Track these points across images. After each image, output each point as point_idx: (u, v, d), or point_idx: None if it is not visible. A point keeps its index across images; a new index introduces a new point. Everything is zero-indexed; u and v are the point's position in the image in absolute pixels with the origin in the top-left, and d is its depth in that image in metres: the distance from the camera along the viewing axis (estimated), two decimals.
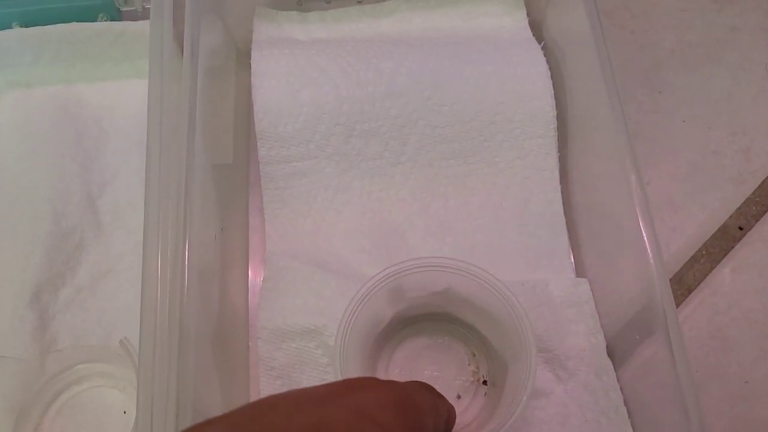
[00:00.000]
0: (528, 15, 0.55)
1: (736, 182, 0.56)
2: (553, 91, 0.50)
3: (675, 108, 0.58)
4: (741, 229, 0.54)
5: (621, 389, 0.44)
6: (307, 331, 0.44)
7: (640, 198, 0.41)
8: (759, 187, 0.56)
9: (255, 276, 0.51)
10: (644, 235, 0.40)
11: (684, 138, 0.57)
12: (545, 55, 0.51)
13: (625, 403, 0.44)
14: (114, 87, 0.56)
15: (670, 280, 0.52)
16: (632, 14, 0.61)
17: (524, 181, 0.50)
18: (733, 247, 0.54)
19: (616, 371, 0.45)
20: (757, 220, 0.55)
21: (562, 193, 0.50)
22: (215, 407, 0.43)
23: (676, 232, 0.54)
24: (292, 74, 0.49)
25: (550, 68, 0.51)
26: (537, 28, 0.55)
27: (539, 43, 0.52)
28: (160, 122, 0.42)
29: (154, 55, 0.44)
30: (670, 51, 0.60)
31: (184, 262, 0.40)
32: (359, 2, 0.55)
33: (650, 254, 0.40)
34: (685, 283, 0.52)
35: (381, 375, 0.45)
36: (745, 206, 0.55)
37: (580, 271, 0.49)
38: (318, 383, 0.43)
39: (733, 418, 0.49)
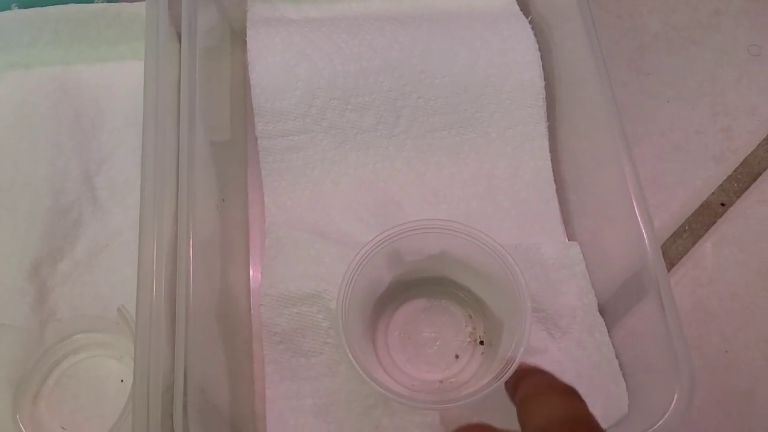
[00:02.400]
0: None
1: (718, 160, 0.59)
2: (541, 63, 0.53)
3: (659, 89, 0.61)
4: (723, 205, 0.57)
5: (613, 345, 0.46)
6: (309, 296, 0.46)
7: (628, 164, 0.44)
8: (741, 164, 0.59)
9: (255, 247, 0.53)
10: (633, 198, 0.43)
11: (668, 118, 0.60)
12: (532, 29, 0.54)
13: (617, 358, 0.46)
14: (111, 68, 0.58)
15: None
16: None
17: (515, 150, 0.52)
18: (714, 223, 0.56)
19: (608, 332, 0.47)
20: (738, 197, 0.58)
21: (552, 161, 0.53)
22: (215, 377, 0.44)
23: (659, 209, 0.56)
24: (287, 51, 0.51)
25: (537, 41, 0.53)
26: (524, 4, 0.57)
27: (526, 18, 0.55)
28: (156, 102, 0.44)
29: (150, 37, 0.46)
30: (654, 34, 0.64)
31: (188, 233, 0.42)
32: None
33: (639, 217, 0.43)
34: (668, 257, 0.55)
35: (381, 337, 0.47)
36: (727, 183, 0.58)
37: (570, 235, 0.52)
38: (320, 347, 0.45)
39: (713, 387, 0.51)
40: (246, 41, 0.52)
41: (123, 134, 0.56)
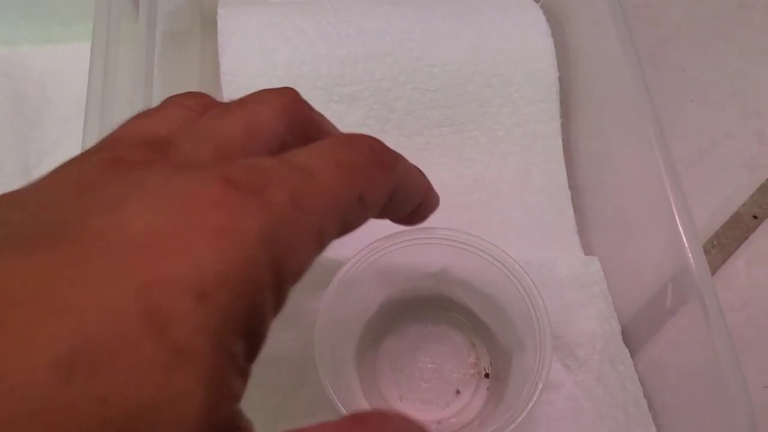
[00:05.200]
0: None
1: (750, 167, 0.53)
2: (554, 51, 0.48)
3: (682, 88, 0.56)
4: (756, 218, 0.52)
5: (639, 380, 0.40)
6: None
7: (664, 159, 0.39)
8: None
9: None
10: (672, 199, 0.38)
11: (693, 120, 0.55)
12: (544, 14, 0.49)
13: (645, 396, 0.40)
14: (62, 50, 0.52)
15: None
16: None
17: (525, 150, 0.47)
18: (747, 238, 0.51)
19: (632, 359, 0.41)
20: None
21: (566, 164, 0.47)
22: None
23: None
24: (264, 32, 0.46)
25: (550, 27, 0.48)
26: None
27: (537, 2, 0.50)
28: (103, 89, 0.41)
29: (101, 14, 0.42)
30: (675, 27, 0.58)
31: None
32: None
33: (679, 220, 0.38)
34: None
35: (369, 369, 0.41)
36: (760, 193, 0.53)
37: (587, 249, 0.46)
38: None
39: None
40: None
41: (70, 124, 0.50)
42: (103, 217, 0.17)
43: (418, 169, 0.29)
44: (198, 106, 0.24)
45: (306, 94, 0.44)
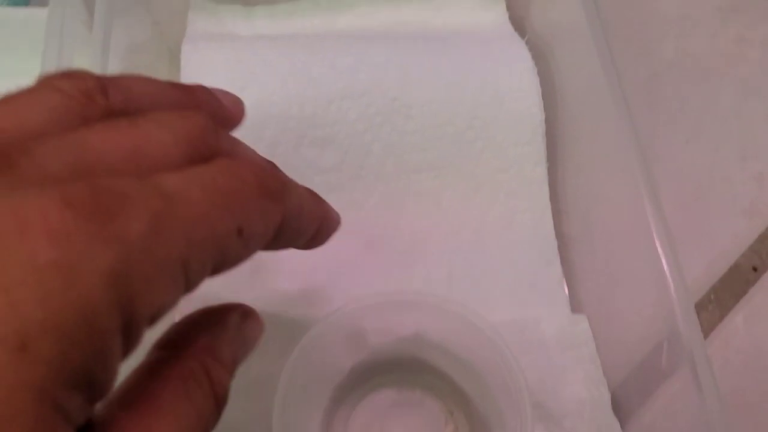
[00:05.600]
0: (507, 10, 0.50)
1: (749, 214, 0.50)
2: (540, 90, 0.45)
3: (676, 127, 0.53)
4: (755, 270, 0.48)
5: None
6: None
7: (653, 212, 0.37)
8: None
9: None
10: (661, 252, 0.35)
11: (687, 161, 0.52)
12: (529, 51, 0.47)
13: None
14: (20, 84, 0.48)
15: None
16: (626, 20, 0.57)
17: (509, 196, 0.44)
18: (746, 292, 0.48)
19: (623, 430, 0.38)
20: None
21: (552, 211, 0.45)
22: None
23: None
24: (231, 69, 0.43)
25: (536, 65, 0.46)
26: (518, 23, 0.50)
27: (522, 38, 0.48)
28: None
29: (50, 47, 0.38)
30: (668, 62, 0.56)
31: None
32: None
33: (669, 277, 0.35)
34: None
35: None
36: (760, 243, 0.49)
37: (574, 304, 0.43)
38: None
39: None
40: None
41: None
42: None
43: (312, 192, 0.26)
44: (78, 92, 0.20)
45: (275, 138, 0.42)
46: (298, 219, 0.23)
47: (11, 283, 0.14)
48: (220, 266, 0.19)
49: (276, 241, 0.22)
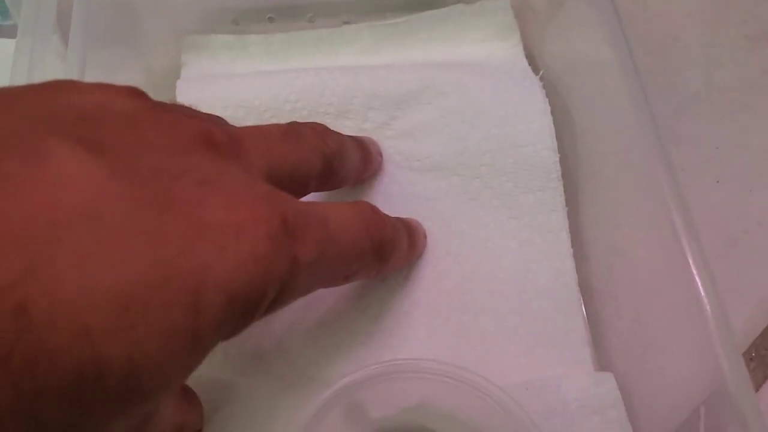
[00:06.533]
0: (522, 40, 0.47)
1: None
2: (554, 131, 0.42)
3: (705, 165, 0.49)
4: None
5: None
6: None
7: (693, 251, 0.34)
8: None
9: None
10: (705, 299, 0.32)
11: (719, 203, 0.48)
12: (543, 87, 0.44)
13: None
14: None
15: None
16: (646, 50, 0.53)
17: (523, 246, 0.41)
18: None
19: None
20: None
21: (575, 259, 0.41)
22: None
23: None
24: (227, 108, 0.42)
25: (550, 102, 0.43)
26: (532, 57, 0.47)
27: (536, 74, 0.45)
28: None
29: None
30: (694, 95, 0.52)
31: None
32: (310, 21, 0.48)
33: (715, 330, 0.31)
34: None
35: None
36: None
37: (601, 362, 0.39)
38: None
39: None
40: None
41: None
42: (193, 193, 0.21)
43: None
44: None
45: None
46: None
47: (240, 257, 0.21)
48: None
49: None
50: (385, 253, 0.31)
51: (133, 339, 0.18)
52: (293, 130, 0.30)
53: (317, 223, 0.25)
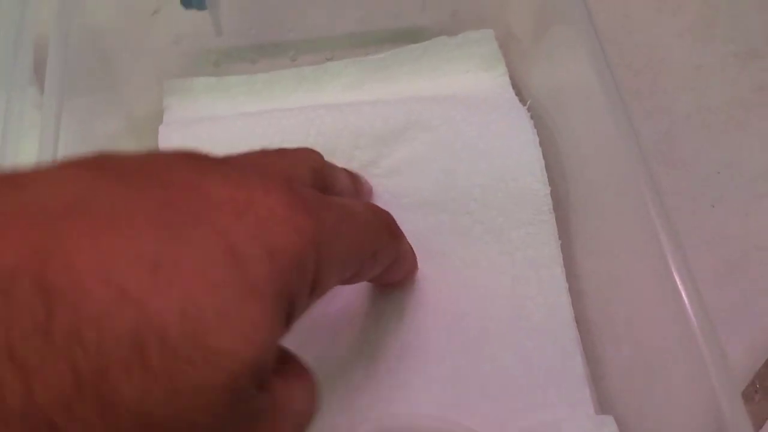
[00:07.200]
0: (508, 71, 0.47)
1: None
2: (543, 163, 0.41)
3: (700, 189, 0.49)
4: None
5: None
6: None
7: (688, 290, 0.33)
8: None
9: None
10: (698, 334, 0.31)
11: (715, 228, 0.47)
12: (531, 118, 0.43)
13: None
14: None
15: None
16: (635, 72, 0.52)
17: (516, 281, 0.40)
18: None
19: None
20: None
21: (571, 294, 0.40)
22: None
23: None
24: (213, 151, 0.40)
25: (538, 133, 0.42)
26: (519, 88, 0.47)
27: (524, 105, 0.44)
28: None
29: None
30: (685, 116, 0.52)
31: None
32: (292, 59, 0.48)
33: (710, 364, 0.31)
34: None
35: None
36: None
37: (601, 402, 0.38)
38: None
39: None
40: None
41: None
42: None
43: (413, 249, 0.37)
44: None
45: None
46: (403, 261, 0.35)
47: (273, 239, 0.21)
48: (350, 278, 0.29)
49: (381, 275, 0.33)
50: (399, 233, 0.33)
51: (177, 294, 0.18)
52: (278, 149, 0.31)
53: (332, 201, 0.26)
